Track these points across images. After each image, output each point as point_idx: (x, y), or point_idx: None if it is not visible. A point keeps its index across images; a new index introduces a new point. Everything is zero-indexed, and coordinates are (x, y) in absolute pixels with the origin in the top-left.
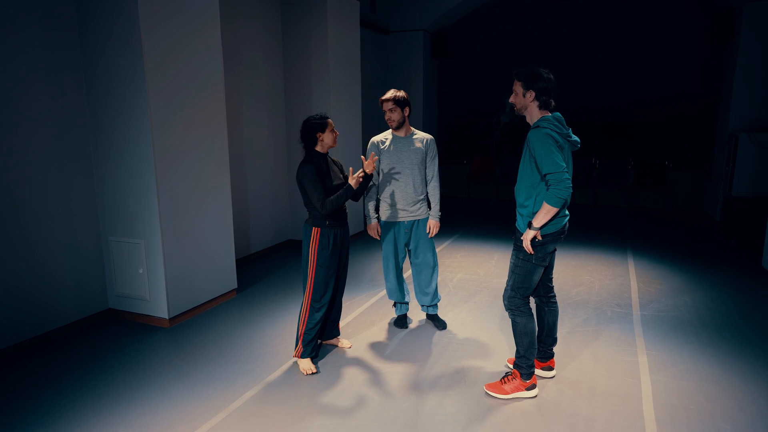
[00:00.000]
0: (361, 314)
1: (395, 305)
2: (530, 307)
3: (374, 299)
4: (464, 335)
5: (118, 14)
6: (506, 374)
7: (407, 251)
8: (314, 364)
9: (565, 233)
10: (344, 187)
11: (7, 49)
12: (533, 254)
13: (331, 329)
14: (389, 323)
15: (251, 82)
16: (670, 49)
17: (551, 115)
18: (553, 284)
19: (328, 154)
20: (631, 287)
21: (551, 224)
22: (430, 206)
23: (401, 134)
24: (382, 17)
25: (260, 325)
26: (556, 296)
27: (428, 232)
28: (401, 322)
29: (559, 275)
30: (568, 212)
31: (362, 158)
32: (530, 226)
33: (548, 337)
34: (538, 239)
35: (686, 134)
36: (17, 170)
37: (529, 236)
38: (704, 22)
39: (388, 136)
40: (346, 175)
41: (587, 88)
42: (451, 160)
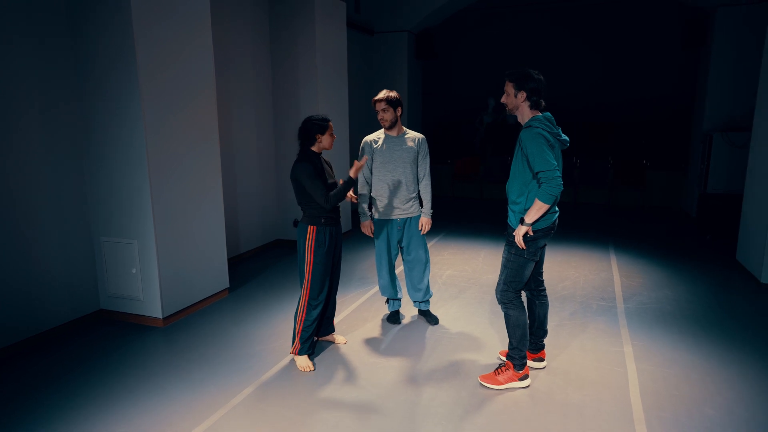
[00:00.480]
0: (354, 311)
1: (388, 301)
2: (522, 300)
3: (366, 296)
4: (456, 329)
5: (111, 16)
6: (499, 366)
7: (399, 248)
8: (311, 360)
9: (555, 229)
10: (345, 181)
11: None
12: (525, 249)
13: (326, 326)
14: (382, 319)
15: (240, 83)
16: (648, 54)
17: (542, 114)
18: (543, 278)
19: (321, 154)
20: (614, 281)
21: (542, 220)
22: (421, 204)
23: (393, 134)
24: (366, 18)
25: (254, 323)
26: (546, 290)
27: (420, 229)
28: (394, 318)
29: (545, 270)
30: (557, 209)
31: (356, 162)
32: (522, 222)
33: (539, 329)
34: (529, 235)
35: (663, 135)
36: (9, 171)
37: (521, 232)
38: (680, 27)
39: (380, 135)
40: (335, 178)
41: (569, 90)
42: (436, 159)
